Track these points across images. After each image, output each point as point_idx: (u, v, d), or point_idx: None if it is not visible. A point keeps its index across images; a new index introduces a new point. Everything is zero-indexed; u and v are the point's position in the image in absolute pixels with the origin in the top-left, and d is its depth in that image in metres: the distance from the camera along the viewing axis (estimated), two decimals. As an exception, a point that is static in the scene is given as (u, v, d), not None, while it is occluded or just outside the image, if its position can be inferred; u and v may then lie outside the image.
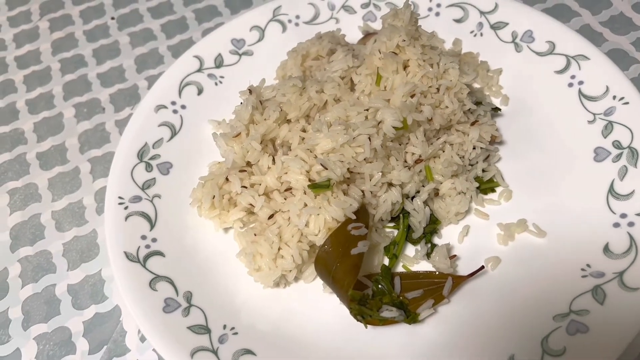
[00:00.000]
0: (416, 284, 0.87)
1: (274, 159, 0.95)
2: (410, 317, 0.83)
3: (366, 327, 0.83)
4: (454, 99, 0.97)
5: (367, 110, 0.94)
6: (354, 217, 0.87)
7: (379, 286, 0.87)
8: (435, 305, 0.85)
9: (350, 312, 0.82)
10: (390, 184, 0.93)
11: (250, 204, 0.93)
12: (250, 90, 1.02)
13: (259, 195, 0.93)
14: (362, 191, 0.91)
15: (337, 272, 0.83)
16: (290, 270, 0.88)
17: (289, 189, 0.93)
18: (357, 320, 0.82)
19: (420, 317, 0.84)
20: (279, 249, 0.88)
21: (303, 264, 0.89)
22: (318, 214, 0.87)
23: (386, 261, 0.92)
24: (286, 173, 0.91)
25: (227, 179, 0.94)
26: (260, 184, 0.93)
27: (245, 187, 0.93)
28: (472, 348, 0.81)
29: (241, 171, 0.95)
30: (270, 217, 0.92)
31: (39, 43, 1.39)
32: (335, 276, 0.83)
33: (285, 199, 0.92)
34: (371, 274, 0.89)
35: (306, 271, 0.91)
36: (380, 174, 0.91)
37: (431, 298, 0.84)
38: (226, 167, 0.97)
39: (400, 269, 0.92)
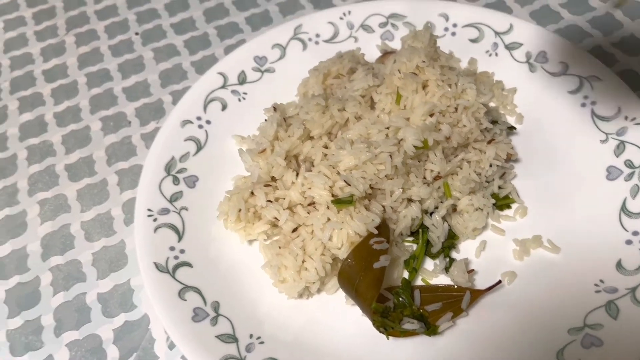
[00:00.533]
0: (435, 297, 0.90)
1: (297, 174, 0.98)
2: (430, 329, 0.86)
3: (388, 339, 0.86)
4: (471, 118, 1.01)
5: (388, 128, 0.98)
6: (375, 231, 0.90)
7: (400, 299, 0.90)
8: (454, 318, 0.88)
9: (374, 324, 0.85)
10: (410, 200, 0.96)
11: (275, 218, 0.96)
12: (274, 108, 1.05)
13: (284, 209, 0.96)
14: (383, 206, 0.94)
15: (360, 286, 0.86)
16: (314, 282, 0.91)
17: (312, 204, 0.96)
18: (380, 332, 0.85)
19: (440, 329, 0.87)
20: (303, 261, 0.91)
21: (326, 276, 0.92)
22: (341, 228, 0.90)
23: (406, 274, 0.95)
24: (310, 188, 0.95)
25: (252, 193, 0.98)
26: (284, 198, 0.97)
27: (270, 201, 0.96)
28: (489, 360, 0.84)
29: (266, 185, 0.98)
30: (294, 230, 0.95)
31: (66, 57, 1.43)
32: (358, 289, 0.86)
33: (308, 213, 0.95)
34: (392, 287, 0.92)
35: (329, 283, 0.94)
36: (401, 190, 0.94)
37: (450, 311, 0.87)
38: (251, 181, 1.00)
39: (419, 282, 0.95)
